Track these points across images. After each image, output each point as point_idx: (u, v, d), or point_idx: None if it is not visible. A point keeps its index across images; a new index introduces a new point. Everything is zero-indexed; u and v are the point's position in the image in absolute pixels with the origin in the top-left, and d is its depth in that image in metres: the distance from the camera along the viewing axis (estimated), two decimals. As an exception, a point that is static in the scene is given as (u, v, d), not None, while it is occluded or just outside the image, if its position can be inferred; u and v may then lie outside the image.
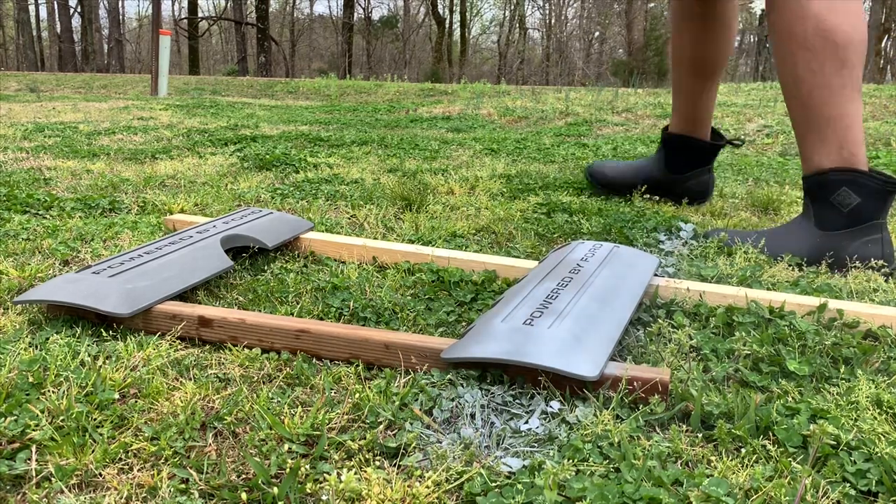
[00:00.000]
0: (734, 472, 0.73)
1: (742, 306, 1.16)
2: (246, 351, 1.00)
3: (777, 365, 0.98)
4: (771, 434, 0.81)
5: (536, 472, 0.72)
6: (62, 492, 0.69)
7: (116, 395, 0.85)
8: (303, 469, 0.72)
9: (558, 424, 0.82)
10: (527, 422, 0.83)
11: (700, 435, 0.81)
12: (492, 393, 0.89)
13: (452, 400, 0.87)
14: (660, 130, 4.16)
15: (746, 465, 0.76)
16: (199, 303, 1.20)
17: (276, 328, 1.01)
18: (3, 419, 0.78)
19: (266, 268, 1.38)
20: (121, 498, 0.69)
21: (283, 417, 0.82)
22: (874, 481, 0.73)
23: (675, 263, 1.46)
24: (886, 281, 1.37)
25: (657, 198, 2.05)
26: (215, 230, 1.38)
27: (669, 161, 2.02)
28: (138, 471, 0.73)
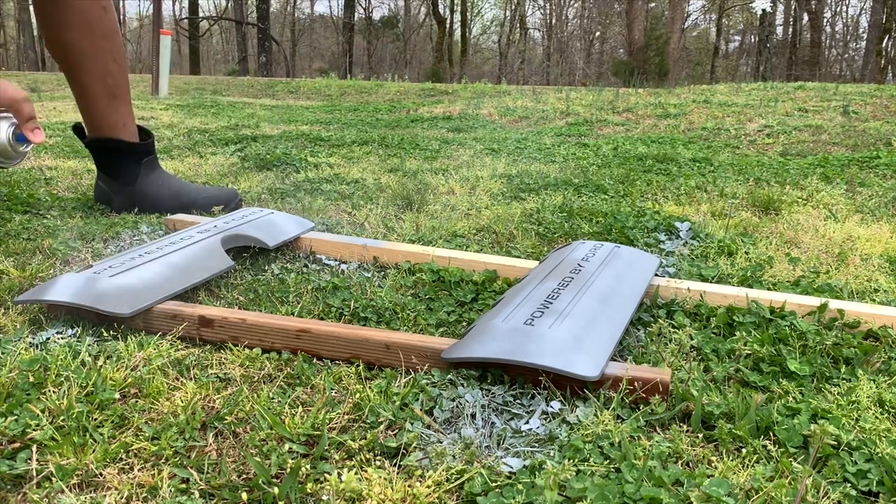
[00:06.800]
0: (735, 473, 0.73)
1: (743, 306, 1.16)
2: (247, 351, 1.00)
3: (778, 365, 0.98)
4: (772, 434, 0.81)
5: (537, 472, 0.72)
6: (62, 492, 0.69)
7: (117, 395, 0.85)
8: (303, 469, 0.72)
9: (559, 424, 0.82)
10: (527, 422, 0.83)
11: (701, 435, 0.81)
12: (492, 393, 0.88)
13: (453, 400, 0.87)
14: (661, 130, 4.17)
15: (747, 466, 0.76)
16: (200, 302, 1.20)
17: (277, 328, 1.01)
18: (3, 419, 0.78)
19: (267, 268, 1.38)
20: (121, 498, 0.69)
21: (283, 417, 0.82)
22: (875, 482, 0.73)
23: (675, 263, 1.46)
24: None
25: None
26: (216, 230, 1.38)
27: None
28: (139, 471, 0.73)
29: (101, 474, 0.72)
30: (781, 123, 4.05)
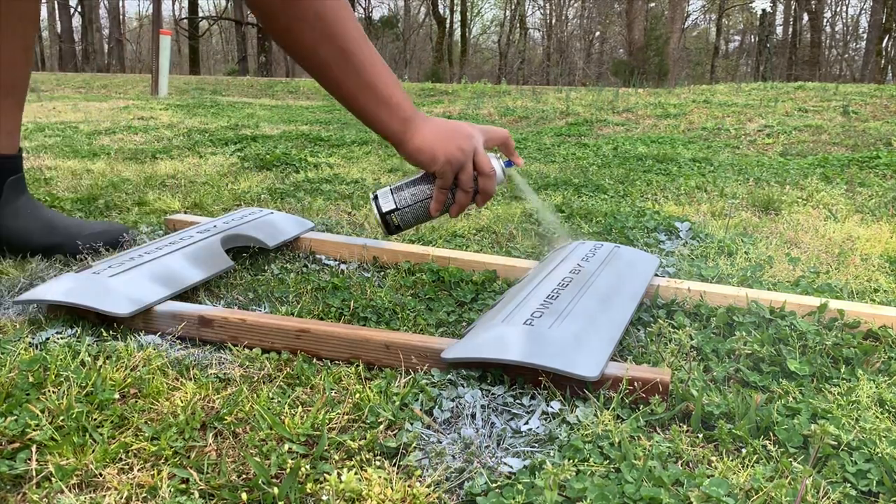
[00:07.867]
0: (735, 473, 0.73)
1: (743, 306, 1.16)
2: (246, 351, 1.00)
3: (778, 365, 0.98)
4: (772, 434, 0.81)
5: (537, 472, 0.72)
6: (62, 492, 0.69)
7: (117, 395, 0.85)
8: (303, 469, 0.72)
9: (559, 424, 0.82)
10: (527, 422, 0.83)
11: (700, 435, 0.81)
12: (492, 393, 0.88)
13: (453, 400, 0.87)
14: (661, 130, 4.16)
15: (747, 466, 0.75)
16: (200, 302, 1.20)
17: (277, 328, 1.01)
18: (3, 419, 0.78)
19: (266, 268, 1.38)
20: (121, 498, 0.68)
21: (283, 417, 0.82)
22: (875, 482, 0.73)
23: (675, 263, 1.46)
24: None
25: None
26: (216, 230, 1.38)
27: None
28: (138, 471, 0.73)
29: (100, 474, 0.72)
30: (781, 123, 4.05)
